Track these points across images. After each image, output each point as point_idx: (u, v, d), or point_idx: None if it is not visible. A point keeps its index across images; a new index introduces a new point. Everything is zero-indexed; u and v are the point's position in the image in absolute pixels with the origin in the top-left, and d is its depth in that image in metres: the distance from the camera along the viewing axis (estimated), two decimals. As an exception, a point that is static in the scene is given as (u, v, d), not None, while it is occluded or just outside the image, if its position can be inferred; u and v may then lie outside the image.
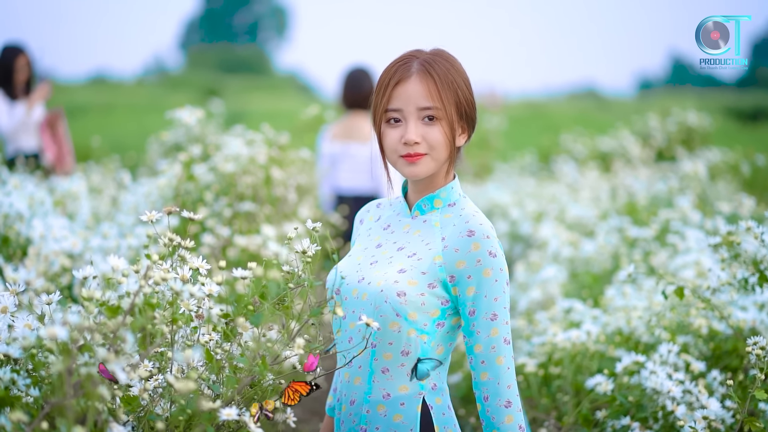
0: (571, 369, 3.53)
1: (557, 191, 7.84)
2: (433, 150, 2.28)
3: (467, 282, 2.27)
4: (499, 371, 2.27)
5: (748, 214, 4.91)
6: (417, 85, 2.27)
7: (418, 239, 2.34)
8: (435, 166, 2.31)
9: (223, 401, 2.26)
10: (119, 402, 2.19)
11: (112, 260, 2.20)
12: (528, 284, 4.95)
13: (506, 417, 2.28)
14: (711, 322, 3.53)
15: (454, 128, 2.30)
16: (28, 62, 7.12)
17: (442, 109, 2.27)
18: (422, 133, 2.27)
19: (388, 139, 2.31)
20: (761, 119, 25.64)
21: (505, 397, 2.29)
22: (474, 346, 2.29)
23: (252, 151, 4.42)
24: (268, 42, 61.18)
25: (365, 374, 2.32)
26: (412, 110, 2.28)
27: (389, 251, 2.36)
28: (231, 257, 4.11)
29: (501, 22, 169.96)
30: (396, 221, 2.42)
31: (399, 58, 2.34)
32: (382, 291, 2.26)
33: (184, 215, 2.47)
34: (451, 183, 2.39)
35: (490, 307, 2.27)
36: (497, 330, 2.28)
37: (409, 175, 2.31)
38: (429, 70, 2.28)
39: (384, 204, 2.51)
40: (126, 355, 2.05)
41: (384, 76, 2.32)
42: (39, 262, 3.91)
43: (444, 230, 2.32)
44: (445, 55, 2.34)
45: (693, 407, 2.99)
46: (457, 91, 2.30)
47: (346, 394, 2.36)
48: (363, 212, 2.54)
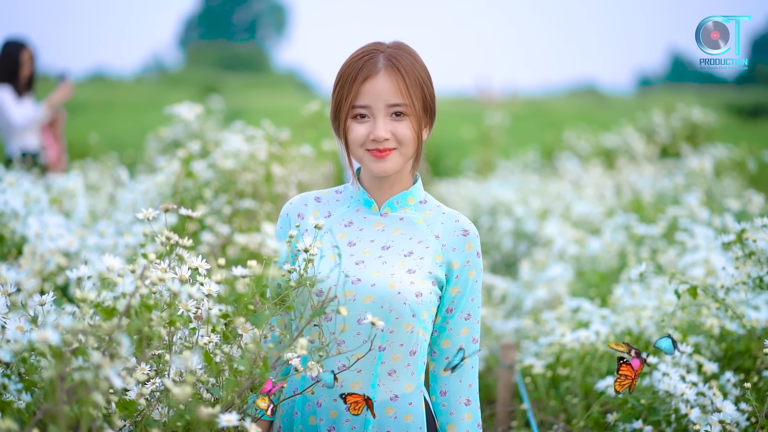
0: (580, 370, 3.45)
1: (561, 188, 7.75)
2: (401, 145, 2.28)
3: (454, 282, 2.33)
4: (463, 369, 2.32)
5: (757, 211, 4.83)
6: (386, 82, 2.26)
7: (404, 237, 2.33)
8: (403, 162, 2.31)
9: (222, 405, 2.19)
10: (115, 407, 2.12)
11: (107, 260, 2.11)
12: (533, 283, 4.87)
13: (466, 414, 2.35)
14: (722, 322, 3.45)
15: (420, 123, 2.30)
16: (31, 57, 7.01)
17: (411, 106, 2.27)
18: (391, 128, 2.27)
19: (355, 134, 2.29)
20: (762, 116, 25.64)
21: (466, 395, 2.35)
22: (442, 342, 2.36)
23: (252, 148, 4.33)
24: (267, 39, 61.16)
25: (368, 378, 2.29)
26: (381, 107, 2.27)
27: (372, 250, 2.32)
28: (231, 256, 4.03)
29: (498, 20, 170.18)
30: (360, 218, 2.37)
31: (362, 52, 2.32)
32: (400, 293, 2.24)
33: (182, 213, 2.39)
34: (419, 180, 2.41)
35: (467, 306, 2.34)
36: (468, 329, 2.35)
37: (377, 171, 2.29)
38: (396, 65, 2.28)
39: (325, 198, 2.43)
40: (122, 358, 1.96)
41: (348, 71, 2.30)
42: (34, 261, 3.83)
43: (434, 228, 2.34)
44: (407, 49, 2.34)
45: (707, 410, 2.91)
46: (423, 87, 2.30)
47: (338, 399, 2.28)
48: (298, 206, 2.42)
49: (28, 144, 7.01)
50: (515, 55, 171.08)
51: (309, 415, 2.34)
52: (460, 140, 15.38)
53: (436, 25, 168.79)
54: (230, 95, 23.86)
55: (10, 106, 6.84)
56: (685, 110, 11.28)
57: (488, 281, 4.93)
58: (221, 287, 2.26)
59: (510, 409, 3.64)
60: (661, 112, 11.48)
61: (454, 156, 14.15)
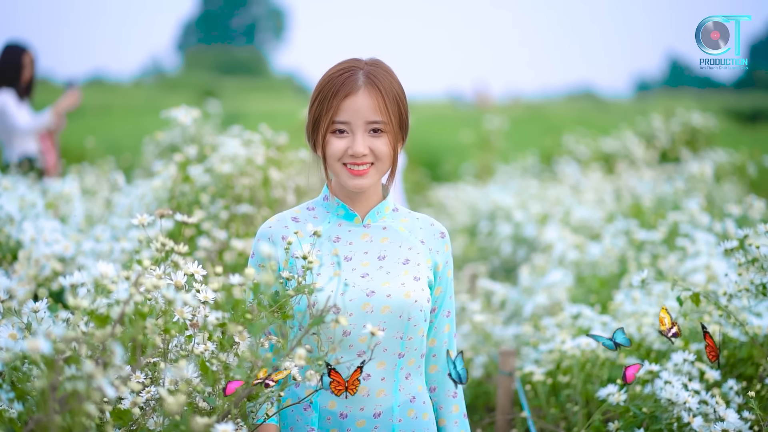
0: (581, 378, 3.41)
1: (561, 193, 7.71)
2: (378, 161, 2.36)
3: (438, 282, 2.47)
4: (448, 364, 2.40)
5: (758, 217, 4.79)
6: (366, 99, 2.34)
7: (393, 246, 2.42)
8: (378, 177, 2.39)
9: (218, 415, 2.15)
10: (109, 416, 2.08)
11: (101, 266, 2.07)
12: (533, 288, 4.83)
13: (453, 406, 2.51)
14: (724, 329, 3.41)
15: (396, 139, 2.39)
16: (32, 60, 6.96)
17: (389, 123, 2.35)
18: (369, 144, 2.35)
19: (333, 148, 2.36)
20: (760, 120, 25.65)
21: (452, 389, 2.51)
22: (429, 340, 2.49)
23: (249, 152, 4.29)
24: (266, 43, 61.20)
25: (391, 385, 2.38)
26: (360, 123, 2.34)
27: (371, 262, 2.39)
28: (228, 261, 3.99)
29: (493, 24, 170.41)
30: (345, 232, 2.43)
31: (341, 69, 2.38)
32: (416, 301, 2.36)
33: (177, 218, 2.36)
34: (390, 190, 2.50)
35: (447, 304, 2.49)
36: (449, 326, 2.51)
37: (354, 187, 2.37)
38: (376, 83, 2.35)
39: (302, 217, 2.46)
40: (115, 367, 1.92)
41: (328, 87, 2.37)
42: (30, 266, 3.79)
43: (416, 234, 2.46)
44: (384, 67, 2.41)
45: (709, 419, 2.87)
46: (399, 104, 2.38)
47: (365, 408, 2.36)
48: (279, 229, 2.43)
49: (29, 149, 6.96)
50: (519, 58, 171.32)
51: (330, 428, 2.37)
52: (459, 145, 15.35)
53: (432, 27, 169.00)
54: (228, 99, 23.84)
55: (14, 111, 6.79)
56: (685, 114, 11.23)
57: (487, 287, 4.88)
58: (218, 294, 2.23)
59: (510, 417, 3.60)
60: (661, 117, 11.43)
61: (453, 160, 14.12)
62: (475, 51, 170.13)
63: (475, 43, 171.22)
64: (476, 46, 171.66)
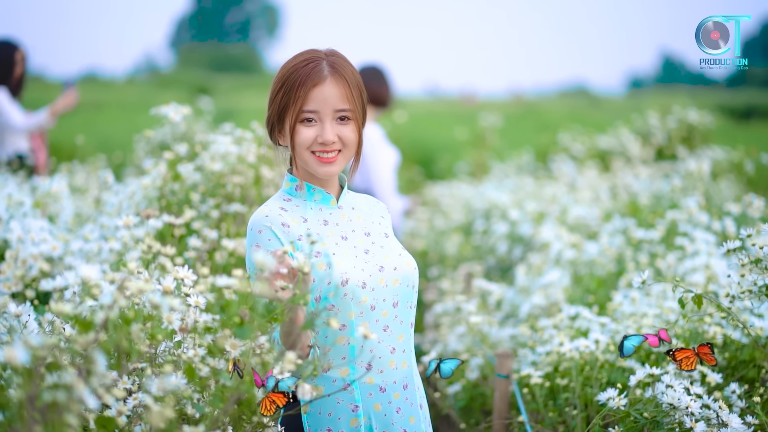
0: (579, 381, 3.34)
1: (557, 191, 7.63)
2: (345, 148, 2.47)
3: None
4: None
5: (757, 215, 4.72)
6: (333, 88, 2.43)
7: (368, 223, 2.57)
8: (345, 163, 2.51)
9: (207, 423, 2.08)
10: (93, 424, 2.01)
11: (83, 270, 1.99)
12: (530, 288, 4.75)
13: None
14: (726, 331, 3.35)
15: (360, 125, 2.50)
16: (23, 57, 6.88)
17: (355, 110, 2.46)
18: (337, 132, 2.45)
19: (302, 137, 2.44)
20: (754, 117, 25.70)
21: None
22: None
23: (241, 150, 4.20)
24: (259, 41, 61.17)
25: (410, 356, 2.51)
26: (328, 112, 2.43)
27: (364, 240, 2.52)
28: (219, 261, 3.91)
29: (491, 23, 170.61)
30: (327, 215, 2.52)
31: (304, 60, 2.46)
32: (415, 268, 2.53)
33: (164, 220, 2.28)
34: None
35: None
36: None
37: (324, 174, 2.47)
38: (341, 72, 2.45)
39: (288, 206, 2.51)
40: (98, 375, 1.84)
41: (294, 77, 2.44)
42: (16, 267, 3.70)
43: (373, 210, 2.63)
44: (343, 57, 2.51)
45: (711, 424, 2.80)
46: (361, 92, 2.49)
47: (396, 381, 2.46)
48: (275, 217, 2.44)
49: (20, 147, 6.87)
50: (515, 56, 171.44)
51: (373, 403, 2.45)
52: (453, 142, 15.27)
53: (429, 26, 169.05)
54: (222, 96, 23.77)
55: (8, 109, 6.70)
56: (681, 112, 11.16)
57: (483, 287, 4.81)
58: (208, 297, 2.16)
59: (507, 421, 3.53)
60: (657, 114, 11.37)
61: (447, 158, 14.03)
62: (470, 50, 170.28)
63: (469, 43, 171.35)
64: (471, 46, 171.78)
